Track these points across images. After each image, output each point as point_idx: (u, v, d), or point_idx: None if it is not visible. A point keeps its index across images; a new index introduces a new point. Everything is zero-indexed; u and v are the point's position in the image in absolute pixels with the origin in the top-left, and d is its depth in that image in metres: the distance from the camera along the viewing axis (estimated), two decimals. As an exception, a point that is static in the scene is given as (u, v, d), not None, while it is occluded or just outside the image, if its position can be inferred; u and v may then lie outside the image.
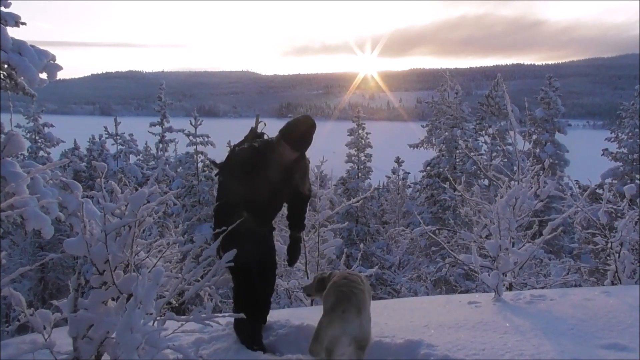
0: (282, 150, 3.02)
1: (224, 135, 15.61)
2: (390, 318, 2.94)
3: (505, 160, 15.26)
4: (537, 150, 17.52)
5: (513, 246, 4.15)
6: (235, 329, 3.19)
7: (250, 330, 3.10)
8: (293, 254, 3.38)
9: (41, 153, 16.68)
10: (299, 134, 3.02)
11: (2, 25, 3.50)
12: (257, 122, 3.40)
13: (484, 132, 18.82)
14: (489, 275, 3.80)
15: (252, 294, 3.11)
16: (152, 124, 18.34)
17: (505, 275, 4.24)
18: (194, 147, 15.69)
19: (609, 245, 4.95)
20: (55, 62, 3.71)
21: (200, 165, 15.61)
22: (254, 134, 3.27)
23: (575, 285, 5.65)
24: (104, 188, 2.51)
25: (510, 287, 4.81)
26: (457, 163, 17.97)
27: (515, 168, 4.63)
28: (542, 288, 5.06)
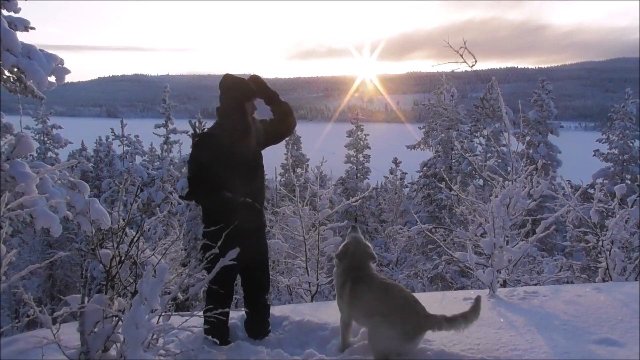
0: (244, 114, 3.00)
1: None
2: (388, 314, 2.99)
3: (500, 160, 15.34)
4: (531, 151, 17.66)
5: (507, 244, 4.20)
6: (206, 331, 3.06)
7: (221, 326, 3.07)
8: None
9: (50, 154, 16.96)
10: (238, 86, 3.05)
11: (12, 29, 3.56)
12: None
13: (479, 133, 18.92)
14: (483, 272, 3.86)
15: (226, 293, 3.06)
16: (157, 126, 18.37)
17: (500, 273, 4.31)
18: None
19: (600, 243, 5.01)
20: (63, 65, 3.77)
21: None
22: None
23: (568, 282, 5.71)
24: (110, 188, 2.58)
25: (504, 284, 4.85)
26: (452, 164, 18.07)
27: (509, 168, 4.69)
28: (535, 285, 5.09)
